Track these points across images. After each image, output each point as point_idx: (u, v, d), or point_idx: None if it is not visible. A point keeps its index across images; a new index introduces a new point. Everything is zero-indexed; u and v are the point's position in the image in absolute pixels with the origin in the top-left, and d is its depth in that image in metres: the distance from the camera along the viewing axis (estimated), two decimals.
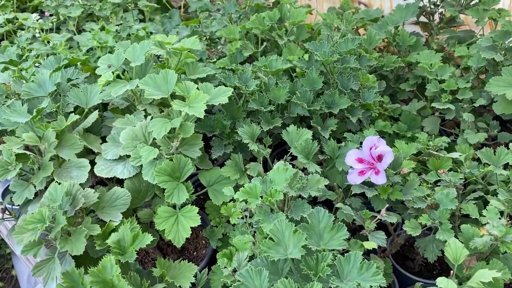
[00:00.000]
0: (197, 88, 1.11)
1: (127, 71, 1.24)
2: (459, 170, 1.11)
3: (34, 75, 1.37)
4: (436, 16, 1.68)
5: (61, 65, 1.32)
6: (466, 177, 1.09)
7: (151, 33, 1.97)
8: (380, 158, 1.00)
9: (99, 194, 1.01)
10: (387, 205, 1.02)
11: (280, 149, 1.43)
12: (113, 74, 1.17)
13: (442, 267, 1.25)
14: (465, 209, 1.00)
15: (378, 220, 1.01)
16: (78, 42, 2.26)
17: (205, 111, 1.04)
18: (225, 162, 1.14)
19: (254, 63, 1.39)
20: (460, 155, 1.12)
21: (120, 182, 1.18)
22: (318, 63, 1.29)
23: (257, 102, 1.19)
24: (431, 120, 1.37)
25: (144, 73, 1.25)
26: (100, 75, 1.21)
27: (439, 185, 1.07)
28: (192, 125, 1.07)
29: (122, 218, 1.01)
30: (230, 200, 1.10)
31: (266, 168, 1.19)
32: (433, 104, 1.32)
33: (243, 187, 0.94)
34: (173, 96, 1.12)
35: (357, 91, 1.26)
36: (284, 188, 0.94)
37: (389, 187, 1.05)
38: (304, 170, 1.14)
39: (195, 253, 1.22)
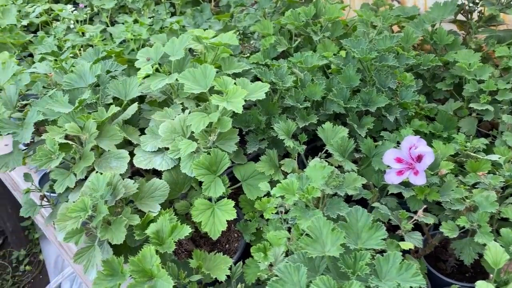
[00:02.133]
0: (235, 83, 1.12)
1: (164, 65, 1.25)
2: (497, 172, 1.09)
3: (74, 66, 1.41)
4: (475, 15, 1.64)
5: (100, 57, 1.35)
6: (506, 180, 1.07)
7: (184, 26, 1.99)
8: (419, 158, 0.99)
9: (138, 185, 1.03)
10: (425, 206, 1.01)
11: (311, 146, 1.42)
12: (153, 67, 1.19)
13: (475, 270, 1.23)
14: (505, 213, 0.99)
15: (415, 221, 1.01)
16: (111, 34, 2.30)
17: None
18: (259, 157, 1.15)
19: (289, 58, 1.39)
20: (499, 158, 1.10)
21: (156, 173, 1.20)
22: (355, 60, 1.29)
23: (293, 98, 1.19)
24: (468, 121, 1.35)
25: (182, 67, 1.26)
26: (139, 68, 1.23)
27: (477, 187, 1.06)
28: (229, 120, 1.08)
29: (160, 209, 1.03)
30: (264, 195, 1.11)
31: (299, 164, 1.19)
32: (471, 105, 1.30)
33: (280, 183, 0.95)
34: (211, 90, 1.13)
35: (394, 89, 1.24)
36: (321, 186, 0.95)
37: (426, 188, 1.04)
38: (339, 167, 1.13)
39: (227, 245, 1.24)
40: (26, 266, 3.80)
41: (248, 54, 1.68)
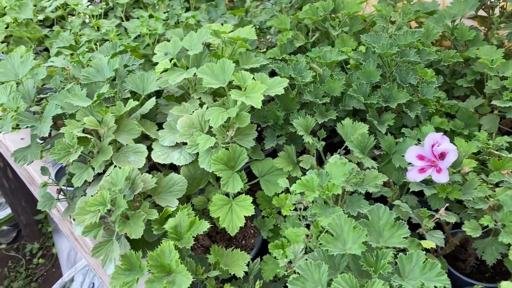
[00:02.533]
0: (253, 78, 1.11)
1: (182, 60, 1.24)
2: None
3: (91, 60, 1.41)
4: (497, 10, 1.61)
5: (117, 51, 1.35)
6: None
7: (199, 21, 1.98)
8: (442, 156, 0.97)
9: (157, 179, 1.03)
10: (447, 204, 0.99)
11: (328, 142, 1.41)
12: (171, 62, 1.18)
13: (495, 270, 1.21)
14: None
15: (436, 220, 0.99)
16: (125, 29, 2.30)
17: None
18: (278, 153, 1.13)
19: (307, 54, 1.37)
20: None
21: (173, 168, 1.19)
22: (375, 55, 1.26)
23: (312, 94, 1.18)
24: (490, 118, 1.32)
25: (200, 62, 1.25)
26: (156, 63, 1.23)
27: (500, 186, 1.04)
28: (248, 115, 1.07)
29: (178, 204, 1.03)
30: (282, 192, 1.10)
31: (317, 161, 1.17)
32: (493, 102, 1.27)
33: (300, 179, 0.94)
34: (229, 85, 1.12)
35: (415, 85, 1.22)
36: (341, 183, 0.93)
37: (448, 186, 1.02)
38: (358, 164, 1.12)
39: (243, 241, 1.23)
40: (39, 259, 3.84)
41: (265, 49, 1.67)
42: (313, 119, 1.12)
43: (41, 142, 1.25)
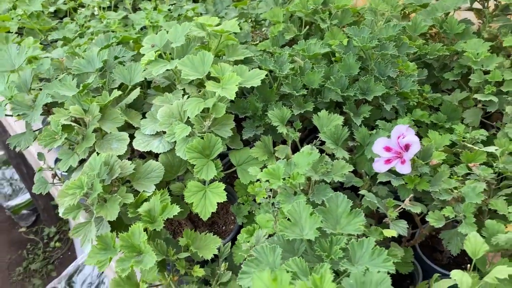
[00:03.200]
0: (232, 71, 1.15)
1: (168, 52, 1.29)
2: (494, 164, 1.07)
3: (86, 51, 1.47)
4: (491, 3, 1.59)
5: (110, 43, 1.40)
6: (502, 171, 1.06)
7: (201, 14, 2.02)
8: (407, 147, 0.99)
9: (135, 165, 1.08)
10: (412, 195, 1.01)
11: (314, 134, 1.44)
12: (155, 53, 1.23)
13: (471, 261, 1.22)
14: (493, 205, 0.98)
15: (402, 210, 1.01)
16: (132, 21, 2.36)
17: (240, 93, 1.07)
18: (254, 144, 1.18)
19: (293, 46, 1.40)
20: (496, 149, 1.08)
21: (157, 156, 1.25)
22: (356, 48, 1.28)
23: (290, 86, 1.21)
24: (473, 111, 1.32)
25: (185, 54, 1.30)
26: (144, 54, 1.28)
27: (469, 179, 1.05)
28: (223, 106, 1.11)
29: (155, 189, 1.08)
30: (257, 180, 1.14)
31: (295, 152, 1.21)
32: (475, 95, 1.27)
33: (266, 168, 0.98)
34: (210, 77, 1.16)
35: (394, 78, 1.24)
36: (308, 172, 0.97)
37: (416, 177, 1.04)
38: (333, 156, 1.15)
39: (224, 227, 1.28)
40: (56, 243, 4.00)
41: (258, 42, 1.70)
42: (289, 110, 1.15)
43: (36, 129, 1.32)
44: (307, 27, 1.60)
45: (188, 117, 1.14)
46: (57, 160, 1.67)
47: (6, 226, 4.18)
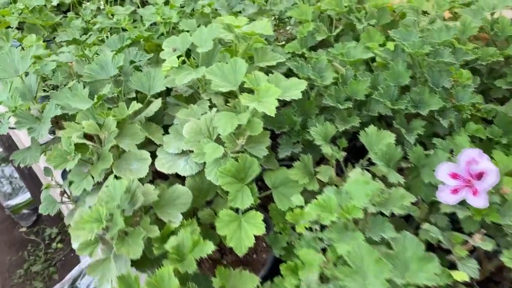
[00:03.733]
0: (267, 80, 1.01)
1: (191, 56, 1.15)
2: None
3: (98, 54, 1.32)
4: None
5: (124, 45, 1.25)
6: None
7: (216, 10, 1.86)
8: (480, 176, 0.85)
9: (159, 192, 0.94)
10: (483, 232, 0.88)
11: (350, 144, 1.29)
12: (178, 60, 1.08)
13: None
14: None
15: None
16: (141, 16, 2.21)
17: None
18: (293, 164, 1.03)
19: (329, 49, 1.25)
20: None
21: (180, 177, 1.11)
22: (404, 54, 1.14)
23: (333, 97, 1.06)
24: None
25: (211, 59, 1.15)
26: (164, 60, 1.13)
27: None
28: (260, 123, 0.97)
29: (182, 219, 0.94)
30: (299, 206, 1.00)
31: (337, 171, 1.07)
32: None
33: (316, 199, 0.84)
34: (241, 87, 1.02)
35: (449, 89, 1.09)
36: (364, 204, 0.83)
37: (484, 208, 0.90)
38: (382, 178, 1.01)
39: (254, 256, 1.14)
40: (58, 244, 3.86)
41: (284, 42, 1.55)
42: (333, 126, 1.01)
43: (42, 143, 1.18)
44: (339, 27, 1.45)
45: (219, 135, 1.00)
46: (64, 173, 1.53)
47: (6, 226, 4.05)
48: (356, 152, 1.08)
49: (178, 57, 1.12)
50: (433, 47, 1.08)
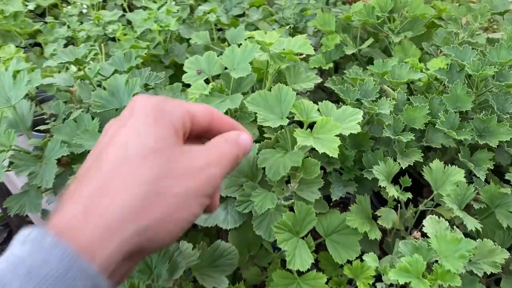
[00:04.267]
0: (318, 110, 0.86)
1: (222, 81, 0.98)
2: None
3: (99, 74, 1.13)
4: None
5: (134, 65, 1.07)
6: None
7: (218, 16, 1.69)
8: None
9: (199, 252, 0.78)
10: None
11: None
12: (208, 86, 0.91)
13: None
14: None
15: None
16: (129, 21, 2.02)
17: None
18: (349, 207, 0.89)
19: (368, 67, 1.11)
20: None
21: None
22: (461, 74, 1.01)
23: (391, 128, 0.92)
24: None
25: (241, 83, 0.99)
26: (188, 84, 0.96)
27: None
28: (317, 164, 0.82)
29: (229, 284, 0.78)
30: (360, 258, 0.86)
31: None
32: None
33: (403, 263, 0.69)
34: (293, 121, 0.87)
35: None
36: (459, 268, 0.69)
37: None
38: (450, 221, 0.88)
39: None
40: None
41: (304, 55, 1.40)
42: (396, 163, 0.87)
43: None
44: (369, 39, 1.31)
45: (263, 175, 0.84)
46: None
47: None
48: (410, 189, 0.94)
49: (206, 81, 0.95)
50: (497, 68, 0.96)
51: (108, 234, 0.42)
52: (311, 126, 0.82)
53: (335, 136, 0.76)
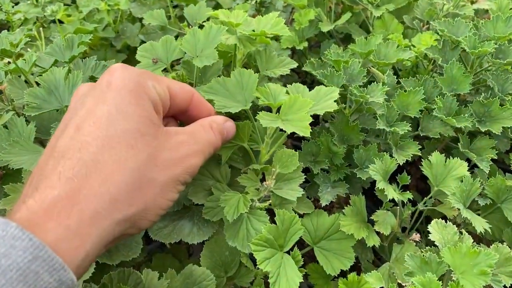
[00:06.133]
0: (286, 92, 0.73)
1: (182, 70, 0.82)
2: None
3: (36, 65, 0.95)
4: None
5: (77, 54, 0.90)
6: None
7: None
8: None
9: (167, 283, 0.64)
10: None
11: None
12: (163, 74, 0.76)
13: None
14: None
15: None
16: (73, 0, 1.80)
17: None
18: (343, 210, 0.77)
19: (349, 46, 0.98)
20: None
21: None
22: (455, 52, 0.89)
23: (384, 118, 0.80)
24: None
25: (205, 72, 0.84)
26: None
27: None
28: (295, 154, 0.69)
29: None
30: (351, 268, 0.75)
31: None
32: None
33: (415, 285, 0.58)
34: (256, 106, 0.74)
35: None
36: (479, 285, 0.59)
37: None
38: (453, 220, 0.78)
39: None
40: None
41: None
42: (393, 160, 0.75)
43: None
44: (346, 14, 1.17)
45: (235, 176, 0.71)
46: None
47: None
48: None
49: (162, 70, 0.80)
50: (496, 44, 0.85)
51: (88, 224, 0.41)
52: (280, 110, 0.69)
53: (306, 114, 0.64)
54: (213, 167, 0.74)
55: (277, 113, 0.68)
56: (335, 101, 0.70)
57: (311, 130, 0.62)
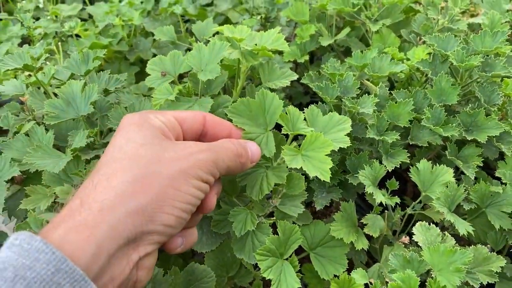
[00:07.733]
0: (304, 119, 0.76)
1: (188, 83, 0.89)
2: None
3: (54, 77, 1.03)
4: None
5: (92, 68, 0.97)
6: None
7: (185, 9, 1.59)
8: None
9: (171, 279, 0.70)
10: None
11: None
12: (173, 89, 0.83)
13: None
14: None
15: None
16: (90, 15, 1.90)
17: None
18: (333, 216, 0.82)
19: (346, 60, 1.04)
20: None
21: None
22: (445, 65, 0.95)
23: (374, 128, 0.86)
24: None
25: (210, 84, 0.91)
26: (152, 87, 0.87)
27: None
28: (302, 179, 0.75)
29: None
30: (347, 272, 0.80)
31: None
32: None
33: (394, 281, 0.64)
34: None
35: (500, 106, 0.92)
36: (456, 283, 0.64)
37: None
38: (438, 224, 0.83)
39: None
40: None
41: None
42: (382, 166, 0.81)
43: None
44: (345, 29, 1.23)
45: (242, 191, 0.77)
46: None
47: None
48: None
49: (171, 83, 0.87)
50: (483, 57, 0.90)
51: (96, 216, 0.46)
52: (296, 136, 0.75)
53: (326, 156, 0.68)
54: (224, 180, 0.79)
55: (293, 142, 0.73)
56: (347, 134, 0.72)
57: None
